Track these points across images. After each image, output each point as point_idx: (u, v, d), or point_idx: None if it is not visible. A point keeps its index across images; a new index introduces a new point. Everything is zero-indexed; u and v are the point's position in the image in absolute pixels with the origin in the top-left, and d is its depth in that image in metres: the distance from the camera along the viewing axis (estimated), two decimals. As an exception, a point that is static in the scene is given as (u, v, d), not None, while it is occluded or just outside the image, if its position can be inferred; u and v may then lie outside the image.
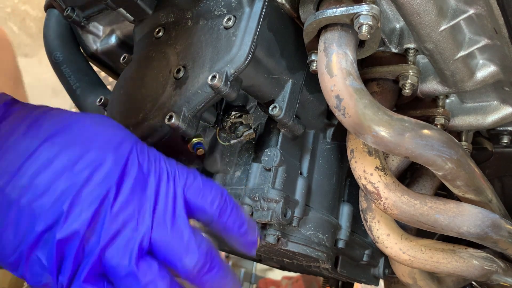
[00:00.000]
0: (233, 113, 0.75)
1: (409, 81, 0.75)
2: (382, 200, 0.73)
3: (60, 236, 0.48)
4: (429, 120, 0.85)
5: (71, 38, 1.00)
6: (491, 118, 0.86)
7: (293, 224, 0.76)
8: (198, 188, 0.57)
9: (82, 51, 1.02)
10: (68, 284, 0.49)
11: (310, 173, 0.83)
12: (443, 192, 0.98)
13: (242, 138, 0.75)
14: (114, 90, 0.84)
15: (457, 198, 0.79)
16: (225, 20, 0.69)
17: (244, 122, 0.75)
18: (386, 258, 1.11)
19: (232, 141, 0.75)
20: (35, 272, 0.49)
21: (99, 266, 0.50)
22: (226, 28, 0.69)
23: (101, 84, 0.99)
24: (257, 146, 0.79)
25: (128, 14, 0.84)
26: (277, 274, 4.09)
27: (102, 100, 0.87)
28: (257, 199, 0.72)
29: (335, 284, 1.60)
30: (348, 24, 0.64)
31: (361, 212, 0.84)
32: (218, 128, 0.76)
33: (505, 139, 0.95)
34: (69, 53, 0.98)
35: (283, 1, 0.70)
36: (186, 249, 0.53)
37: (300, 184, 0.78)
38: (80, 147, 0.52)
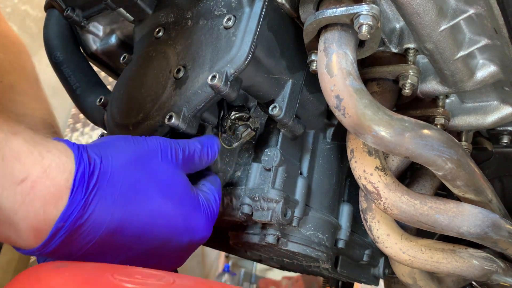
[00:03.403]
0: (233, 113, 0.75)
1: (409, 81, 0.75)
2: (382, 200, 0.73)
3: None
4: (429, 120, 0.85)
5: (71, 38, 1.00)
6: (491, 118, 0.86)
7: (293, 224, 0.76)
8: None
9: (82, 51, 1.02)
10: None
11: (310, 173, 0.83)
12: (443, 192, 0.98)
13: (242, 139, 0.76)
14: (114, 90, 0.84)
15: (457, 198, 0.79)
16: (225, 20, 0.69)
17: (251, 126, 0.75)
18: (386, 258, 1.11)
19: (234, 145, 0.76)
20: None
21: None
22: (226, 28, 0.69)
23: (101, 84, 0.99)
24: (257, 146, 0.79)
25: (128, 14, 0.84)
26: (277, 274, 4.09)
27: (102, 100, 0.87)
28: (257, 199, 0.72)
29: (335, 284, 1.59)
30: (348, 24, 0.64)
31: (361, 212, 0.84)
32: (220, 133, 0.77)
33: (505, 139, 0.95)
34: (69, 53, 0.98)
35: (283, 1, 0.70)
36: None
37: (300, 184, 0.78)
38: None
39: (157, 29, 0.79)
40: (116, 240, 0.52)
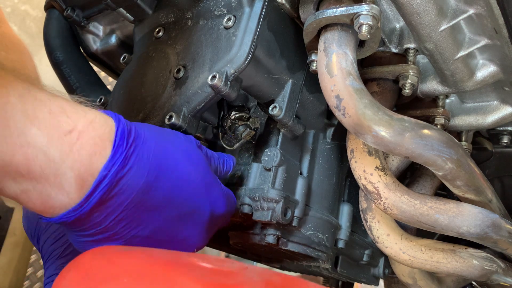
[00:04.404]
0: (233, 113, 0.75)
1: (409, 81, 0.75)
2: (382, 200, 0.73)
3: None
4: (429, 120, 0.85)
5: (71, 38, 1.00)
6: (491, 118, 0.86)
7: (293, 224, 0.76)
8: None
9: (82, 51, 1.02)
10: None
11: (310, 173, 0.83)
12: (443, 192, 0.98)
13: (242, 139, 0.76)
14: (114, 90, 0.84)
15: (457, 198, 0.79)
16: (225, 20, 0.69)
17: (251, 126, 0.76)
18: (386, 258, 1.11)
19: (235, 146, 0.76)
20: None
21: None
22: (226, 28, 0.69)
23: (101, 84, 0.99)
24: (257, 146, 0.79)
25: (128, 14, 0.84)
26: (277, 274, 4.08)
27: (102, 100, 0.87)
28: (257, 199, 0.72)
29: (335, 284, 1.59)
30: (348, 24, 0.64)
31: (361, 212, 0.84)
32: (220, 133, 0.77)
33: (505, 139, 0.95)
34: (69, 53, 0.98)
35: (283, 1, 0.70)
36: None
37: (300, 184, 0.78)
38: None
39: (157, 29, 0.79)
40: (149, 201, 0.54)
